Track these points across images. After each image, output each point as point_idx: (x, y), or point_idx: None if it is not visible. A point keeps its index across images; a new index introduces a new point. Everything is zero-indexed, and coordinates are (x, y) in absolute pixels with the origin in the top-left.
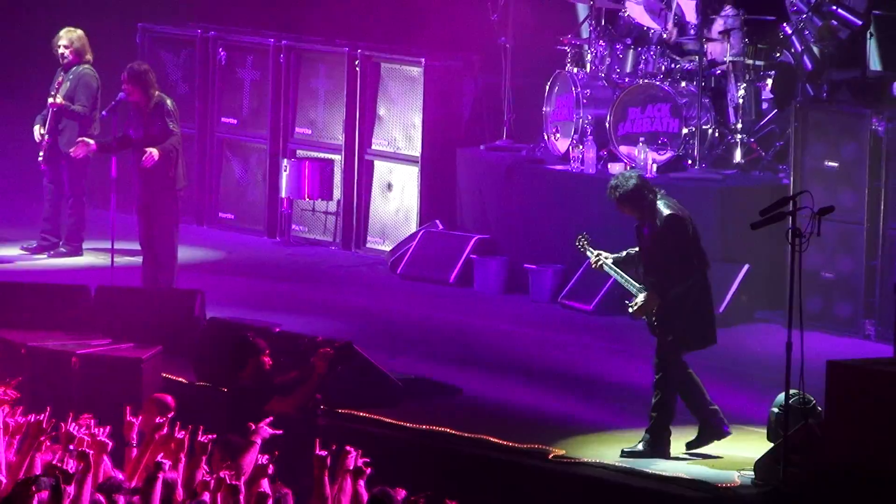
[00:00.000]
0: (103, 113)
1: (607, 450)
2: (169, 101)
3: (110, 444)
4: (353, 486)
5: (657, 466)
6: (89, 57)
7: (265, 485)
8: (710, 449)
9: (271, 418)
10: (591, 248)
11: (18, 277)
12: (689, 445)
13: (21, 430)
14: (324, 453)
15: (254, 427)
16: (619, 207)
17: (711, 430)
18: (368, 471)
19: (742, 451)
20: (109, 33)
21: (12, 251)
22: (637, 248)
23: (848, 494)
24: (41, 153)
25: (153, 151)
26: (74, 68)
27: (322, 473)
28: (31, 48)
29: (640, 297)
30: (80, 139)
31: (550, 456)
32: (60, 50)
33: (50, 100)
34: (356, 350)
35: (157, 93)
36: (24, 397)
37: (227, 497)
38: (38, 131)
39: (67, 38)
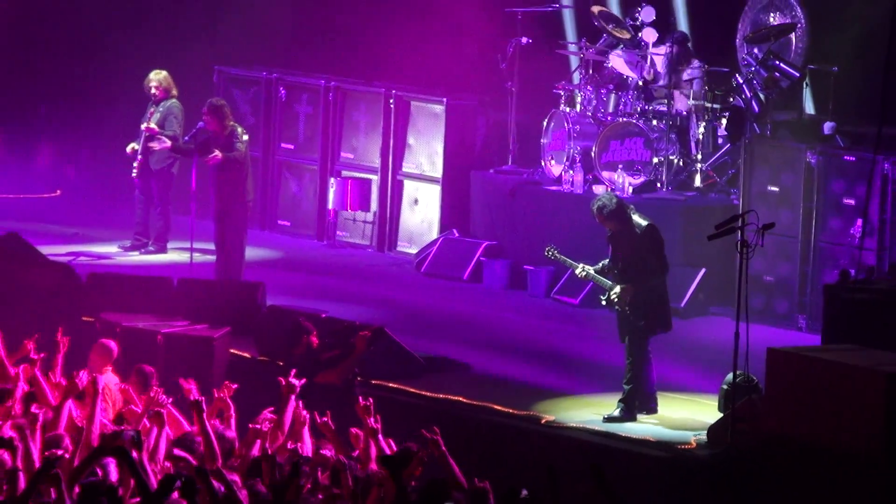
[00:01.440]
0: (185, 138)
1: (588, 414)
2: (240, 129)
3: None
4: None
5: (628, 429)
6: (175, 92)
7: (306, 436)
8: (671, 416)
9: (294, 371)
10: (561, 256)
11: (116, 270)
12: (611, 418)
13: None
14: (365, 402)
15: (285, 382)
16: (603, 222)
17: (643, 405)
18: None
19: (697, 418)
20: (191, 74)
21: (110, 249)
22: (607, 260)
23: (783, 456)
24: (134, 169)
25: (217, 153)
26: (163, 102)
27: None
28: (123, 86)
29: (617, 289)
30: (158, 136)
31: (543, 421)
32: (151, 88)
33: (143, 125)
34: (387, 333)
35: (230, 122)
36: (117, 368)
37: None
38: (130, 147)
39: (156, 78)
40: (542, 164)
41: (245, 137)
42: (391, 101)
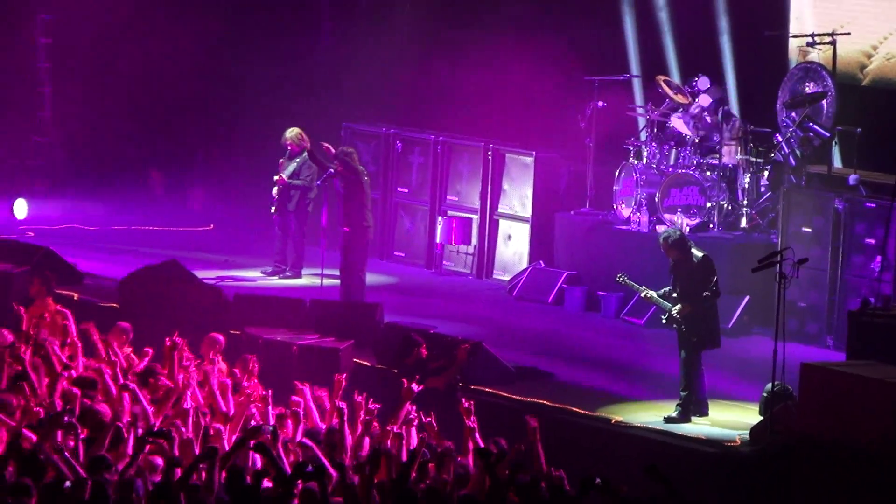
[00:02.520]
0: (317, 182)
1: (650, 416)
2: (362, 168)
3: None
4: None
5: (684, 429)
6: (307, 145)
7: (413, 432)
8: (719, 418)
9: (417, 377)
10: (630, 282)
11: (258, 291)
12: (670, 419)
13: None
14: (467, 404)
15: (406, 385)
16: (668, 251)
17: (696, 409)
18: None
19: (741, 420)
20: (322, 129)
21: (254, 273)
22: (668, 288)
23: (813, 453)
24: (273, 208)
25: (333, 168)
26: (298, 155)
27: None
28: (266, 138)
29: (676, 309)
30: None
31: (613, 421)
32: (287, 143)
33: (276, 177)
34: (484, 347)
35: (357, 166)
36: (259, 373)
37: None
38: (275, 191)
39: (290, 136)
40: (614, 207)
41: (366, 178)
42: (489, 153)
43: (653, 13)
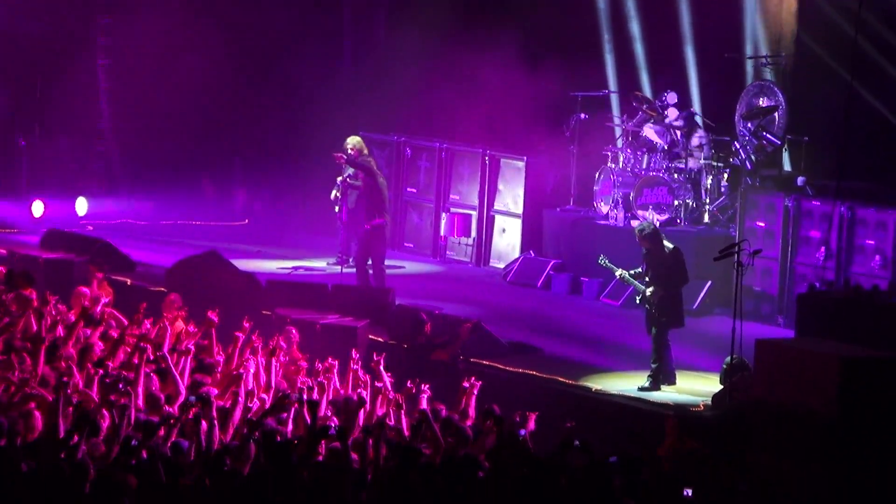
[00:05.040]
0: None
1: (626, 385)
2: (381, 179)
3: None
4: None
5: (654, 396)
6: (366, 151)
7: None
8: (685, 387)
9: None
10: (609, 264)
11: (290, 278)
12: (642, 388)
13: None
14: (467, 384)
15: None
16: (642, 241)
17: (665, 379)
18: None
19: (704, 389)
20: (342, 138)
21: (320, 264)
22: (640, 269)
23: (767, 415)
24: (336, 207)
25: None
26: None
27: (467, 396)
28: (296, 145)
29: (649, 291)
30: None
31: (594, 389)
32: (349, 150)
33: (339, 179)
34: (483, 325)
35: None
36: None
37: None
38: (333, 194)
39: (353, 142)
40: (595, 205)
41: (382, 180)
42: (486, 158)
43: (629, 39)
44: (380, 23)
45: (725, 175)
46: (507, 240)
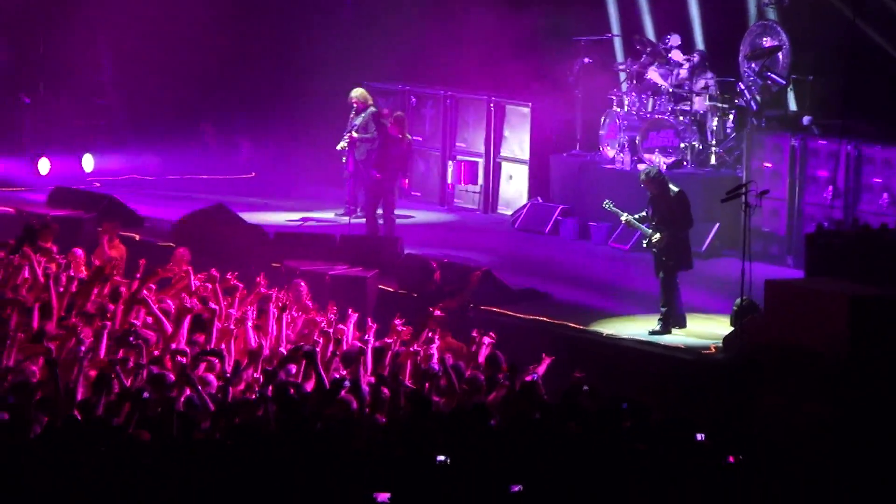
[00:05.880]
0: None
1: (636, 328)
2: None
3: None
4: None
5: (665, 340)
6: (371, 102)
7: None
8: (696, 330)
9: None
10: (614, 208)
11: (297, 230)
12: (653, 332)
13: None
14: (476, 334)
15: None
16: (647, 186)
17: (675, 322)
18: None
19: (715, 331)
20: (347, 87)
21: (328, 215)
22: (645, 213)
23: (777, 356)
24: (343, 158)
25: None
26: (364, 112)
27: (478, 346)
28: (299, 96)
29: (656, 236)
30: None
31: (604, 334)
32: (353, 101)
33: (346, 134)
34: (491, 273)
35: (383, 121)
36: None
37: None
38: (340, 145)
39: (355, 94)
40: (601, 149)
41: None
42: (491, 105)
43: None
44: None
45: (731, 116)
46: (515, 186)
